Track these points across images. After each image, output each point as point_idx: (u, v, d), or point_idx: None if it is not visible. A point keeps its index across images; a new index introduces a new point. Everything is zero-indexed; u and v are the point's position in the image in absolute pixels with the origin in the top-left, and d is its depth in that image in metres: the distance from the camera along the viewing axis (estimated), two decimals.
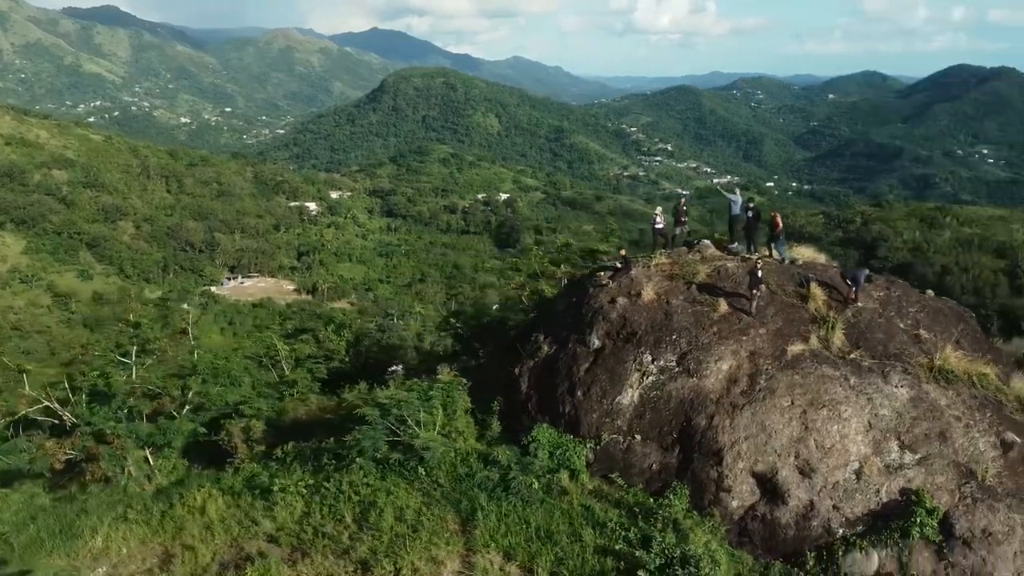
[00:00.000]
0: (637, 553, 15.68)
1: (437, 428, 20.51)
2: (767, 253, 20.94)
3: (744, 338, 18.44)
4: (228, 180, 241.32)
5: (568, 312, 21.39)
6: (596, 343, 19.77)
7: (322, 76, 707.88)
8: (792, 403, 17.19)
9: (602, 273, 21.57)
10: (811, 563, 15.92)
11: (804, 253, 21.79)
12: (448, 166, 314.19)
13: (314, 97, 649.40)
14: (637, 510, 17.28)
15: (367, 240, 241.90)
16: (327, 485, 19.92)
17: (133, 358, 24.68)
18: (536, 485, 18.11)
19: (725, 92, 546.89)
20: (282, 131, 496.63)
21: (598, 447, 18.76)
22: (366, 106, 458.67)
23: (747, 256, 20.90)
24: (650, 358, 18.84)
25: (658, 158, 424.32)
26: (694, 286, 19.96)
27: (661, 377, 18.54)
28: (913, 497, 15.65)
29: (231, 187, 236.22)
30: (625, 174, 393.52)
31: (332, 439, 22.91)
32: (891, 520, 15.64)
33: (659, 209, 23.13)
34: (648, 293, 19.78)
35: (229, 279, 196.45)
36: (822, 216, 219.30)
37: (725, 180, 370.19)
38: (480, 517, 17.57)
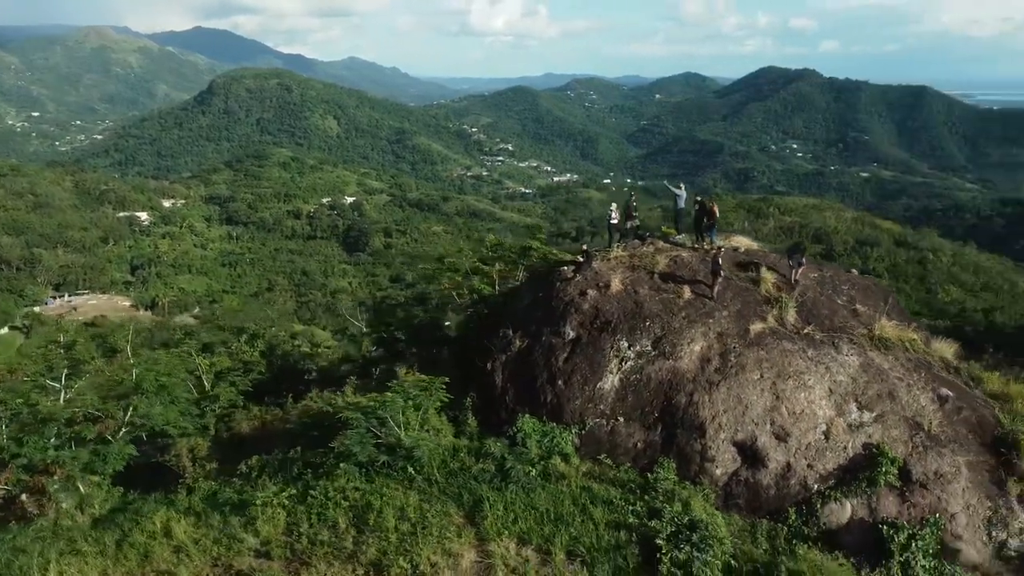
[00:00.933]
0: (651, 523, 16.93)
1: (418, 428, 20.84)
2: (709, 241, 22.88)
3: (711, 320, 20.16)
4: (45, 191, 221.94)
5: (535, 306, 22.32)
6: (571, 334, 20.85)
7: (143, 77, 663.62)
8: (761, 376, 19.06)
9: (565, 268, 22.67)
10: (792, 518, 17.79)
11: (742, 241, 23.92)
12: (289, 170, 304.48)
13: (135, 100, 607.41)
14: (633, 486, 18.54)
15: (207, 250, 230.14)
16: (313, 493, 19.72)
17: (63, 381, 23.08)
18: (534, 472, 18.94)
19: (560, 93, 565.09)
20: (100, 136, 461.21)
21: (583, 432, 19.85)
22: (195, 109, 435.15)
23: (696, 246, 22.74)
24: (626, 344, 20.17)
25: (500, 158, 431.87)
26: (656, 275, 21.51)
27: (639, 361, 19.91)
28: (875, 450, 17.89)
29: (49, 198, 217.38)
30: (469, 174, 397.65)
31: (299, 448, 22.62)
32: (858, 472, 17.80)
33: (614, 205, 24.50)
34: (616, 284, 21.10)
35: (54, 298, 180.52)
36: (660, 209, 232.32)
37: (566, 178, 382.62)
38: (487, 507, 18.14)
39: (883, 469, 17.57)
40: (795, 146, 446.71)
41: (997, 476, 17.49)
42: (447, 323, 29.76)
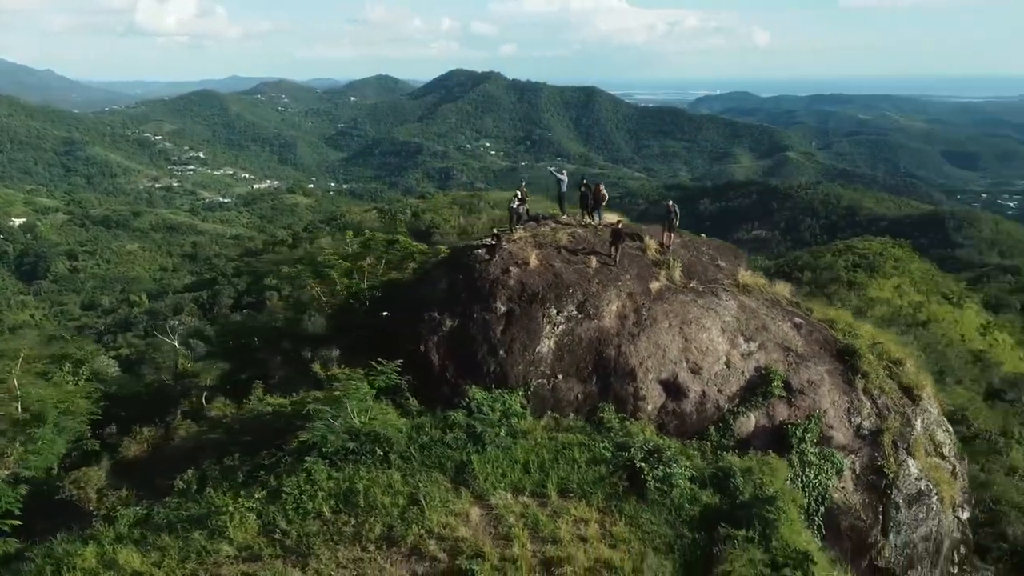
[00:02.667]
0: (623, 454, 19.92)
1: (366, 415, 21.70)
2: (595, 218, 26.38)
3: (619, 283, 23.62)
4: None
5: (457, 288, 24.12)
6: (502, 308, 23.09)
7: None
8: (670, 324, 22.95)
9: (479, 251, 24.70)
10: (713, 434, 21.90)
11: (614, 218, 27.69)
12: None
13: None
14: (590, 429, 21.41)
15: None
16: (286, 490, 19.88)
17: None
18: (503, 432, 20.95)
19: (249, 96, 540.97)
20: None
21: (529, 392, 22.28)
22: None
23: (584, 223, 26.08)
24: (555, 311, 22.92)
25: (191, 167, 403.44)
26: (562, 250, 24.48)
27: (569, 324, 22.78)
28: (764, 371, 22.62)
29: None
30: (158, 186, 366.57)
31: (235, 455, 22.17)
32: (755, 389, 22.40)
33: (517, 193, 26.82)
34: (534, 260, 23.71)
35: None
36: (376, 211, 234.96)
37: (266, 184, 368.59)
38: (475, 469, 19.85)
39: (773, 385, 22.34)
40: (488, 144, 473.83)
41: (847, 377, 23.11)
42: (310, 320, 29.93)
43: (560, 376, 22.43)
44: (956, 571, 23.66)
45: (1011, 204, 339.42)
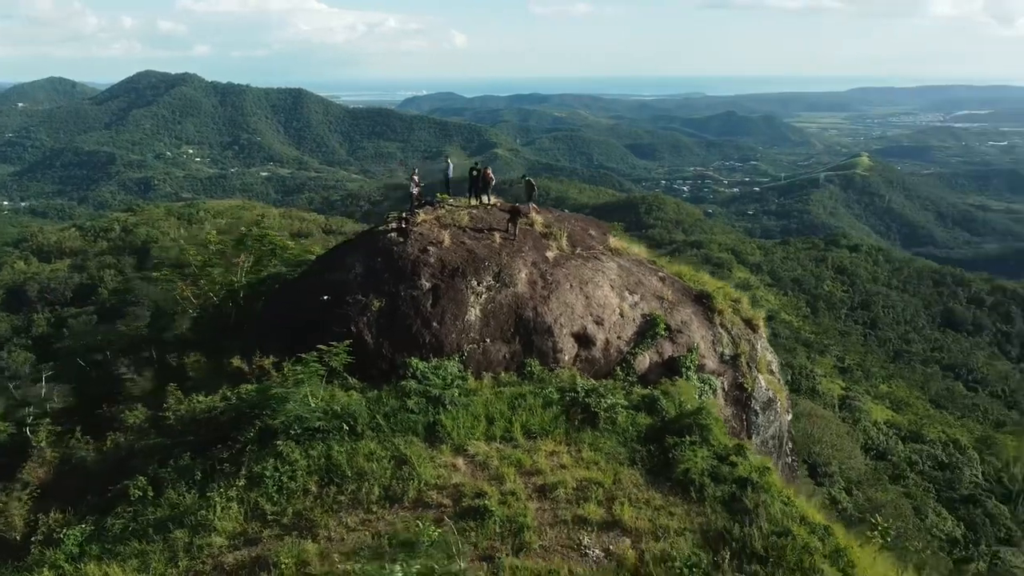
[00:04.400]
0: (567, 395, 23.02)
1: (322, 395, 22.56)
2: (486, 200, 29.00)
3: (523, 254, 26.61)
4: None
5: (375, 271, 25.44)
6: (427, 284, 24.98)
7: None
8: (571, 286, 26.46)
9: (392, 235, 26.15)
10: (620, 374, 25.82)
11: (494, 199, 30.40)
12: None
13: None
14: (524, 381, 24.18)
15: None
16: (266, 475, 20.37)
17: None
18: (457, 393, 22.98)
19: None
20: None
21: (464, 357, 24.51)
22: None
23: (475, 204, 28.60)
24: (476, 282, 25.33)
25: None
26: (468, 229, 26.86)
27: (490, 293, 25.34)
28: (649, 317, 27.00)
29: None
30: None
31: (186, 454, 21.74)
32: (645, 333, 26.68)
33: (414, 177, 28.17)
34: (447, 239, 25.84)
35: None
36: (76, 230, 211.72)
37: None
38: (446, 428, 21.75)
39: (658, 328, 26.78)
40: (191, 151, 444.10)
41: (707, 316, 28.28)
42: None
43: (488, 340, 24.94)
44: (789, 459, 30.03)
45: (684, 188, 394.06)
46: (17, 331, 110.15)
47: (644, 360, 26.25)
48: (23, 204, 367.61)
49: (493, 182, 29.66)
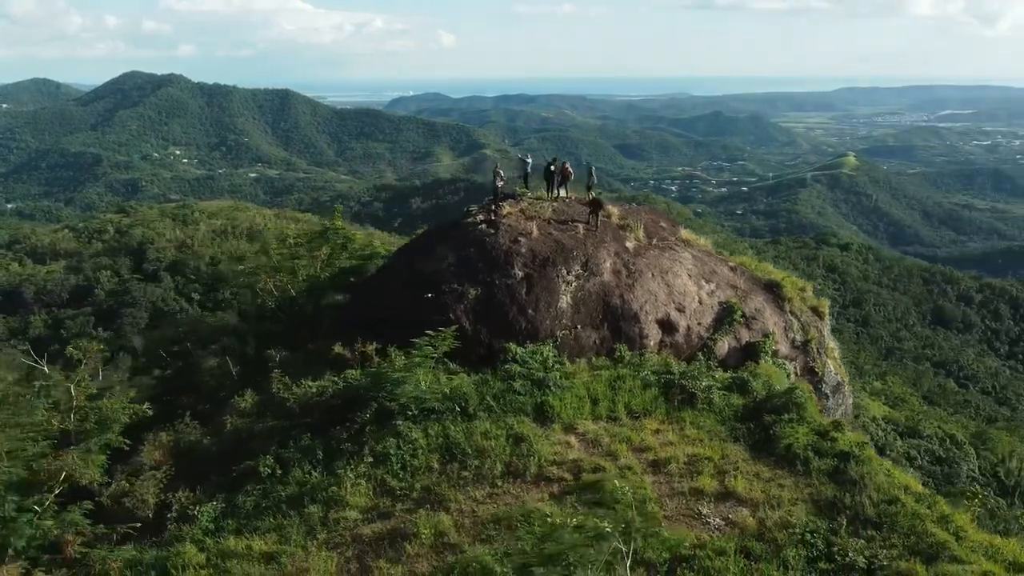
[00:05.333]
0: (664, 378, 24.12)
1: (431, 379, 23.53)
2: (563, 193, 30.07)
3: (606, 244, 27.68)
4: None
5: (468, 261, 26.41)
6: (520, 273, 25.98)
7: None
8: (653, 275, 27.56)
9: (481, 227, 27.18)
10: (701, 358, 26.94)
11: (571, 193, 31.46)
12: None
13: None
14: (617, 364, 25.25)
15: None
16: (391, 453, 21.33)
17: None
18: (559, 376, 24.01)
19: None
20: None
21: (557, 343, 25.54)
22: None
23: (556, 197, 29.72)
24: (565, 271, 26.37)
25: None
26: (552, 221, 27.90)
27: (579, 282, 26.38)
28: (726, 305, 28.15)
29: None
30: None
31: (308, 435, 22.60)
32: (723, 320, 27.82)
33: (499, 171, 29.21)
34: (535, 231, 26.86)
35: None
36: (69, 231, 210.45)
37: None
38: (554, 408, 22.79)
39: (736, 315, 27.93)
40: (179, 152, 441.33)
41: (778, 304, 29.48)
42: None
43: (579, 326, 26.00)
44: None
45: (673, 188, 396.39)
46: (14, 333, 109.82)
47: (723, 345, 27.39)
48: (9, 206, 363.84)
49: (571, 176, 30.73)
